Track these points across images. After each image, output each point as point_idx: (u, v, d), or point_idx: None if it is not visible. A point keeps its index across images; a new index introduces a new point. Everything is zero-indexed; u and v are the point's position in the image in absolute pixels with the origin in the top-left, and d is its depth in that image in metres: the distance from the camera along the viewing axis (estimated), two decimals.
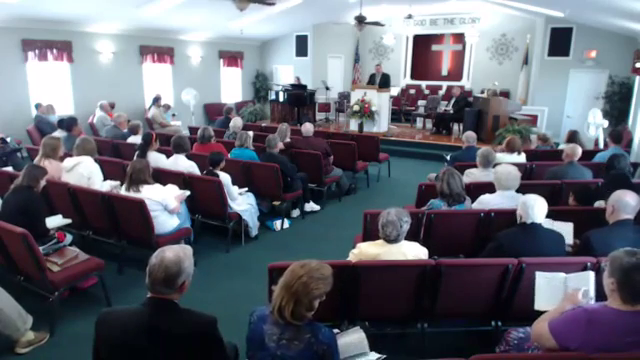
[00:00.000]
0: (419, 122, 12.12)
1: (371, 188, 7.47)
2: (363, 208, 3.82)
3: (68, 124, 6.47)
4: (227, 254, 4.81)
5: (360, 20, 10.50)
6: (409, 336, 3.23)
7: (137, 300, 1.95)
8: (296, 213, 5.98)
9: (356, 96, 10.48)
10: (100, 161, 5.03)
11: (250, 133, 6.25)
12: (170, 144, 5.33)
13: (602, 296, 1.98)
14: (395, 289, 2.83)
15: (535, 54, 11.57)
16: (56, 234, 3.71)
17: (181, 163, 5.13)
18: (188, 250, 1.97)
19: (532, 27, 11.87)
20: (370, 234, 3.41)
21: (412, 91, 14.05)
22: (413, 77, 14.35)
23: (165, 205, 4.13)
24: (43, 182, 3.70)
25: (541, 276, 2.38)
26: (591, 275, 2.24)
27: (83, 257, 3.58)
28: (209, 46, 13.01)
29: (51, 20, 8.64)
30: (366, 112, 10.17)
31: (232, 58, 13.88)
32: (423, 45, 14.21)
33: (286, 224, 5.60)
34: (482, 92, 10.78)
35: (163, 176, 4.80)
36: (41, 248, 3.32)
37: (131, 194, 4.04)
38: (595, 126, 8.36)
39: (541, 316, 2.13)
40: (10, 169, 5.56)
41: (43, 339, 3.19)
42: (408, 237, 2.90)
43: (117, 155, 6.17)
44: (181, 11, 9.58)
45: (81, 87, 9.71)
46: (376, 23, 11.05)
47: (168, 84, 11.95)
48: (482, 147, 4.87)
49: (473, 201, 3.89)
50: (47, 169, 4.13)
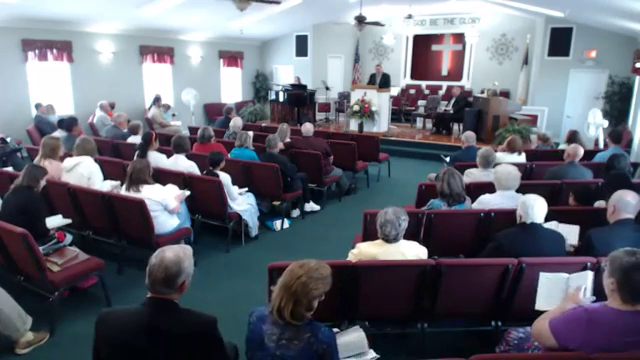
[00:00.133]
0: (419, 122, 12.13)
1: (371, 188, 7.48)
2: (363, 208, 3.82)
3: (68, 124, 6.47)
4: (227, 254, 4.81)
5: (360, 20, 10.50)
6: (409, 336, 3.23)
7: (137, 300, 1.95)
8: (296, 213, 5.98)
9: (356, 96, 10.48)
10: (100, 161, 5.03)
11: (250, 133, 6.25)
12: (170, 144, 5.34)
13: (602, 296, 1.98)
14: (395, 289, 2.83)
15: (535, 54, 11.56)
16: (56, 234, 3.71)
17: (181, 163, 5.13)
18: (188, 250, 1.97)
19: (532, 27, 11.87)
20: (370, 234, 3.41)
21: (412, 91, 14.05)
22: (413, 77, 14.35)
23: (165, 205, 4.13)
24: (43, 182, 3.70)
25: (544, 276, 2.38)
26: (589, 274, 2.24)
27: (83, 257, 3.58)
28: (209, 46, 13.01)
29: (51, 20, 8.64)
30: (366, 112, 10.17)
31: (232, 58, 13.88)
32: (423, 45, 14.21)
33: (286, 224, 5.60)
34: (482, 92, 10.78)
35: (163, 176, 4.80)
36: (41, 248, 3.32)
37: (131, 194, 4.04)
38: (595, 126, 8.36)
39: (542, 314, 2.13)
40: (10, 169, 5.56)
41: (43, 339, 3.19)
42: (408, 237, 2.91)
43: (117, 155, 6.18)
44: (181, 11, 9.58)
45: (81, 87, 9.71)
46: (376, 23, 11.05)
47: (168, 84, 11.95)
48: (482, 147, 4.87)
49: (473, 201, 3.89)
50: (47, 169, 4.13)
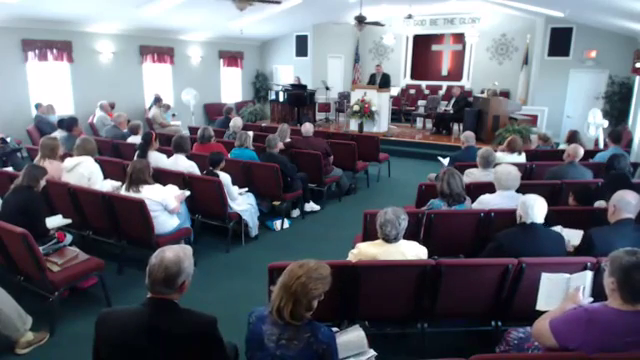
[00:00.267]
0: (419, 122, 12.12)
1: (371, 188, 7.47)
2: (363, 208, 3.82)
3: (68, 124, 6.48)
4: (227, 254, 4.81)
5: (360, 20, 10.50)
6: (409, 336, 3.23)
7: (137, 300, 1.95)
8: (296, 213, 5.98)
9: (356, 96, 10.48)
10: (100, 161, 5.03)
11: (250, 133, 6.25)
12: (170, 144, 5.34)
13: (602, 296, 1.98)
14: (395, 289, 2.83)
15: (535, 54, 11.56)
16: (56, 234, 3.71)
17: (181, 163, 5.13)
18: (188, 250, 1.97)
19: (532, 27, 11.87)
20: (370, 234, 3.41)
21: (412, 91, 14.04)
22: (413, 77, 14.35)
23: (165, 205, 4.13)
24: (43, 182, 3.70)
25: (545, 276, 2.38)
26: (589, 274, 2.24)
27: (83, 257, 3.58)
28: (209, 46, 13.01)
29: (51, 20, 8.64)
30: (366, 112, 10.17)
31: (232, 58, 13.87)
32: (423, 45, 14.20)
33: (286, 224, 5.60)
34: (482, 92, 10.78)
35: (163, 176, 4.80)
36: (41, 248, 3.32)
37: (131, 194, 4.04)
38: (595, 126, 8.36)
39: (543, 314, 2.13)
40: (10, 169, 5.56)
41: (43, 339, 3.19)
42: (408, 237, 2.91)
43: (117, 155, 6.18)
44: (181, 11, 9.58)
45: (81, 87, 9.71)
46: (376, 23, 11.05)
47: (168, 84, 11.94)
48: (482, 147, 4.86)
49: (473, 201, 3.89)
50: (47, 169, 4.13)
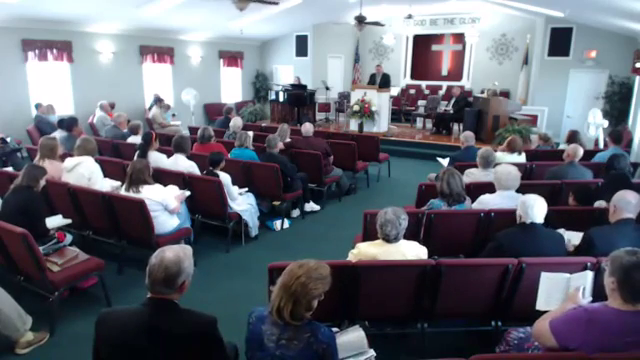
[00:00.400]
0: (419, 122, 12.12)
1: (371, 188, 7.47)
2: (363, 208, 3.82)
3: (68, 124, 6.48)
4: (227, 254, 4.81)
5: (360, 20, 10.50)
6: (409, 336, 3.23)
7: (137, 300, 1.95)
8: (296, 213, 5.98)
9: (356, 96, 10.48)
10: (100, 161, 5.03)
11: (250, 133, 6.25)
12: (170, 144, 5.34)
13: (602, 296, 1.98)
14: (395, 289, 2.83)
15: (535, 54, 11.56)
16: (56, 234, 3.71)
17: (181, 163, 5.13)
18: (188, 250, 1.97)
19: (532, 27, 11.87)
20: (370, 234, 3.41)
21: (412, 91, 14.04)
22: (413, 77, 14.35)
23: (165, 205, 4.13)
24: (43, 182, 3.70)
25: (545, 276, 2.38)
26: (589, 274, 2.24)
27: (83, 257, 3.58)
28: (209, 46, 13.01)
29: (51, 20, 8.63)
30: (366, 112, 10.17)
31: (232, 58, 13.87)
32: (423, 45, 14.20)
33: (286, 224, 5.60)
34: (482, 92, 10.77)
35: (163, 176, 4.80)
36: (41, 248, 3.32)
37: (131, 194, 4.04)
38: (595, 126, 8.36)
39: (543, 315, 2.13)
40: (10, 169, 5.56)
41: (43, 339, 3.19)
42: (408, 237, 2.91)
43: (117, 155, 6.18)
44: (181, 11, 9.58)
45: (81, 87, 9.71)
46: (376, 23, 11.05)
47: (168, 84, 11.94)
48: (482, 147, 4.86)
49: (473, 201, 3.89)
50: (47, 169, 4.12)
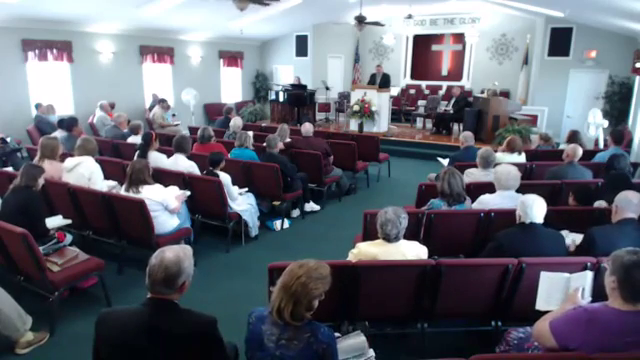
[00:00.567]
0: (419, 122, 12.12)
1: (371, 188, 7.47)
2: (363, 208, 3.82)
3: (68, 124, 6.48)
4: (227, 254, 4.81)
5: (360, 20, 10.50)
6: (409, 336, 3.23)
7: (137, 300, 1.95)
8: (296, 213, 5.98)
9: (356, 96, 10.48)
10: (100, 161, 5.02)
11: (250, 133, 6.25)
12: (171, 144, 5.34)
13: (602, 296, 1.97)
14: (395, 289, 2.83)
15: (535, 54, 11.56)
16: (56, 234, 3.71)
17: (181, 163, 5.13)
18: (188, 250, 1.97)
19: (532, 27, 11.87)
20: (370, 234, 3.41)
21: (412, 91, 14.04)
22: (413, 77, 14.35)
23: (166, 205, 4.13)
24: (41, 180, 3.69)
25: (545, 275, 2.38)
26: (589, 275, 2.24)
27: (83, 257, 3.58)
28: (209, 46, 13.01)
29: (51, 20, 8.63)
30: (366, 112, 10.17)
31: (232, 58, 13.87)
32: (423, 45, 14.20)
33: (286, 224, 5.60)
34: (482, 92, 10.77)
35: (163, 176, 4.80)
36: (41, 248, 3.32)
37: (131, 194, 4.03)
38: (595, 126, 8.36)
39: (544, 316, 2.13)
40: (10, 169, 5.56)
41: (43, 339, 3.19)
42: (408, 237, 2.91)
43: (117, 155, 6.18)
44: (181, 11, 9.58)
45: (81, 87, 9.71)
46: (376, 23, 11.04)
47: (168, 84, 11.94)
48: (482, 147, 4.86)
49: (473, 201, 3.88)
50: (47, 170, 4.12)
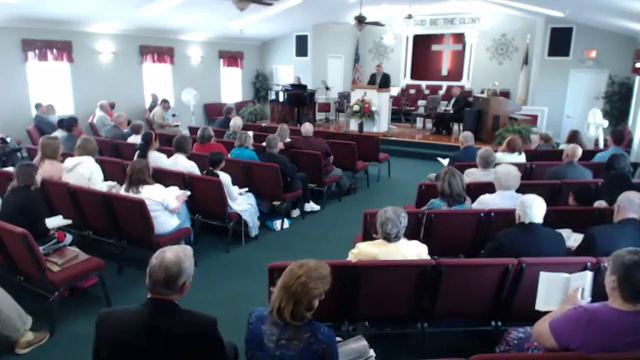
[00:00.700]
0: (419, 122, 12.12)
1: (371, 188, 7.47)
2: (363, 208, 3.82)
3: (68, 124, 6.48)
4: (227, 254, 4.81)
5: (360, 20, 10.49)
6: (409, 336, 3.23)
7: (137, 300, 1.95)
8: (296, 213, 5.98)
9: (356, 96, 10.48)
10: (100, 161, 5.02)
11: (250, 133, 6.25)
12: (171, 144, 5.34)
13: (602, 296, 1.97)
14: (395, 289, 2.83)
15: (535, 54, 11.56)
16: (56, 234, 3.71)
17: (181, 163, 5.13)
18: (188, 250, 1.97)
19: (532, 27, 11.87)
20: (370, 234, 3.40)
21: (412, 91, 14.04)
22: (413, 77, 14.35)
23: (166, 205, 4.13)
24: (38, 177, 3.67)
25: (544, 276, 2.37)
26: (588, 275, 2.24)
27: (83, 257, 3.58)
28: (209, 46, 13.01)
29: (51, 20, 8.63)
30: (366, 112, 10.18)
31: (232, 58, 13.87)
32: (423, 45, 14.21)
33: (286, 224, 5.60)
34: (482, 92, 10.78)
35: (163, 176, 4.80)
36: (41, 248, 3.32)
37: (131, 194, 4.03)
38: (595, 126, 8.36)
39: (544, 316, 2.12)
40: (10, 169, 5.55)
41: (43, 339, 3.19)
42: (408, 237, 2.91)
43: (117, 155, 6.18)
44: (181, 11, 9.57)
45: (81, 87, 9.71)
46: (376, 23, 11.05)
47: (168, 84, 11.94)
48: (482, 147, 4.86)
49: (473, 201, 3.88)
50: (47, 169, 4.12)
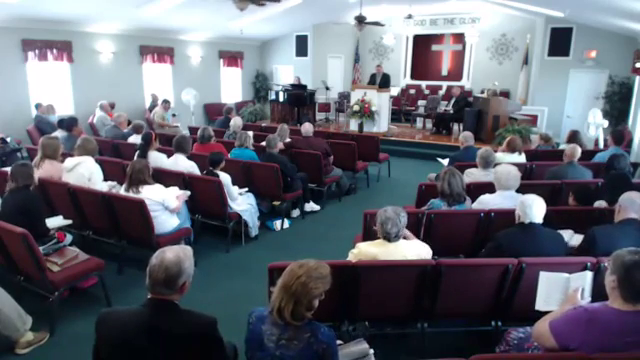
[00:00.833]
0: (419, 122, 12.13)
1: (371, 188, 7.47)
2: (363, 208, 3.82)
3: (68, 124, 6.48)
4: (227, 254, 4.81)
5: (360, 20, 10.50)
6: (409, 336, 3.23)
7: (137, 300, 1.95)
8: (296, 213, 5.98)
9: (356, 96, 10.48)
10: (100, 161, 5.03)
11: (250, 133, 6.25)
12: (171, 144, 5.34)
13: (602, 296, 1.97)
14: (395, 289, 2.83)
15: (535, 54, 11.56)
16: (56, 234, 3.71)
17: (181, 163, 5.12)
18: (188, 251, 1.97)
19: (532, 27, 11.87)
20: (370, 234, 3.40)
21: (412, 91, 14.05)
22: (413, 77, 14.35)
23: (166, 205, 4.13)
24: (36, 176, 3.66)
25: (544, 276, 2.37)
26: (588, 275, 2.24)
27: (83, 257, 3.58)
28: (209, 46, 13.01)
29: (51, 20, 8.63)
30: (366, 112, 10.18)
31: (232, 58, 13.87)
32: (423, 45, 14.21)
33: (286, 224, 5.60)
34: (482, 92, 10.78)
35: (163, 176, 4.80)
36: (41, 248, 3.32)
37: (131, 194, 4.03)
38: (595, 126, 8.36)
39: (544, 316, 2.12)
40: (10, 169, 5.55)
41: (43, 339, 3.19)
42: (408, 236, 2.90)
43: (117, 155, 6.18)
44: (181, 11, 9.58)
45: (81, 87, 9.71)
46: (376, 23, 11.04)
47: (168, 84, 11.95)
48: (482, 147, 4.86)
49: (473, 201, 3.89)
50: (47, 169, 4.12)
